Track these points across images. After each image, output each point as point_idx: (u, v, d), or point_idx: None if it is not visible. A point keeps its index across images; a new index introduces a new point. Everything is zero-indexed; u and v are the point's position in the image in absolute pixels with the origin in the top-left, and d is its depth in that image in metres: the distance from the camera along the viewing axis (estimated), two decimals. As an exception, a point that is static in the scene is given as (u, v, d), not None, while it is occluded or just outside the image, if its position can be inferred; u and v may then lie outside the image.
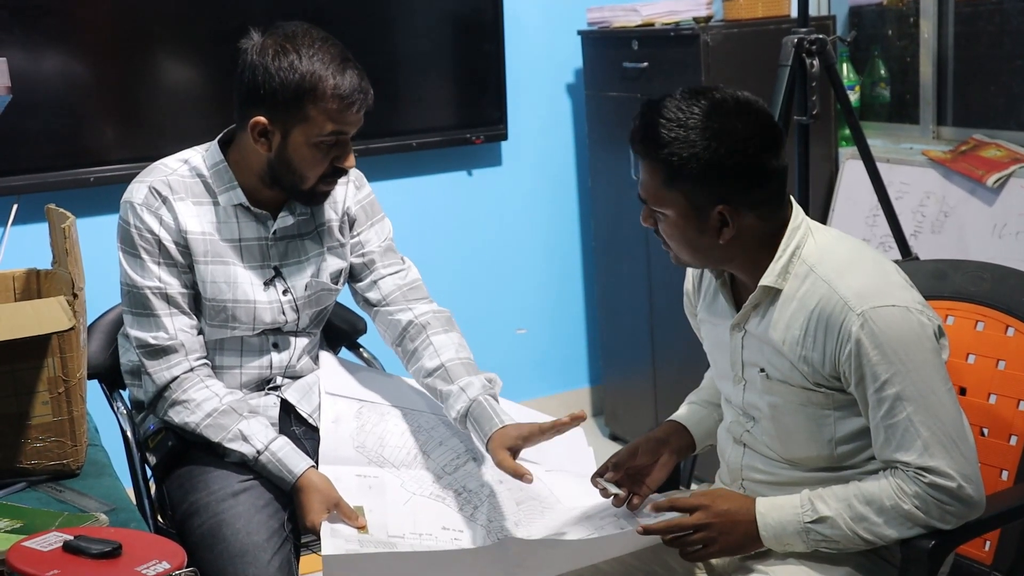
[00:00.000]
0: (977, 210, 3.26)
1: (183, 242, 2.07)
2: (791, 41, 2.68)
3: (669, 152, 1.72)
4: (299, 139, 2.00)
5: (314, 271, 2.19)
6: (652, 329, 3.75)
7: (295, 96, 1.97)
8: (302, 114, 1.98)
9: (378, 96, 3.68)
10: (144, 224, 2.06)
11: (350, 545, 1.87)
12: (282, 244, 2.16)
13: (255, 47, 2.01)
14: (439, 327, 2.23)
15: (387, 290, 2.26)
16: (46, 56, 3.18)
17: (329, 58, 1.99)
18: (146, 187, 2.08)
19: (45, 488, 1.73)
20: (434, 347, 2.19)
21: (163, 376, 2.08)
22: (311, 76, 1.96)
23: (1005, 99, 3.50)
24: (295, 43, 1.98)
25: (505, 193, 4.00)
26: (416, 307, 2.25)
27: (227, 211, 2.11)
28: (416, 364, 2.20)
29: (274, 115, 2.00)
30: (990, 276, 2.08)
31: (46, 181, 3.19)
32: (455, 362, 2.17)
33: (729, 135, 1.71)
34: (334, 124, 1.99)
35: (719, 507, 1.80)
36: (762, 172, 1.75)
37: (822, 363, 1.75)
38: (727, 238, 1.76)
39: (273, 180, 2.07)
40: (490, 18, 3.76)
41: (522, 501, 2.05)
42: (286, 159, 2.03)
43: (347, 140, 2.05)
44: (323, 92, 1.97)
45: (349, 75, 1.99)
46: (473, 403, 2.09)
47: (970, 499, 1.70)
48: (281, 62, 1.97)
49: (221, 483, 2.03)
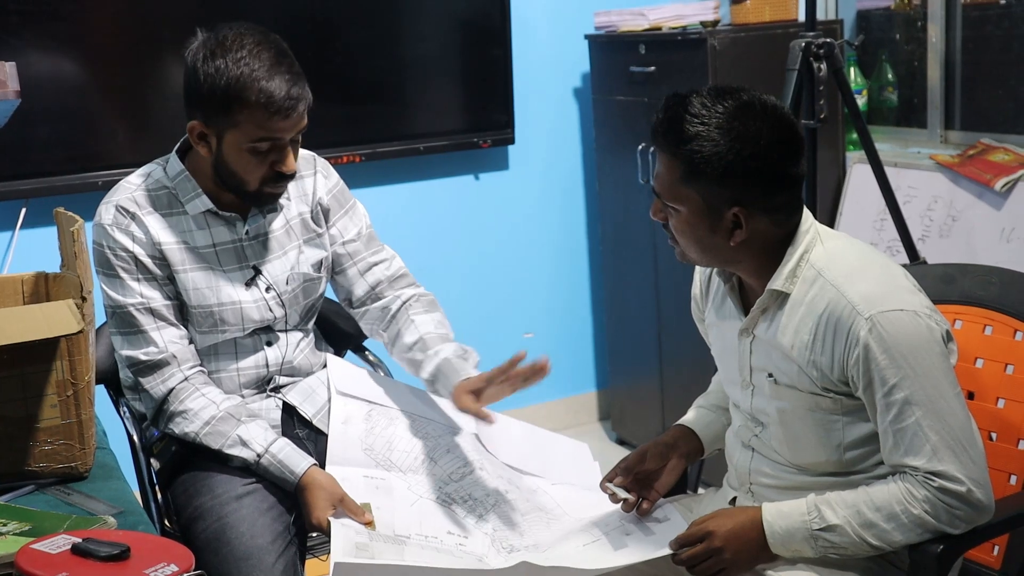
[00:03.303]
0: (985, 214, 3.25)
1: (159, 255, 2.07)
2: (798, 45, 2.68)
3: (691, 148, 1.71)
4: (233, 143, 1.99)
5: (293, 264, 2.18)
6: (660, 333, 3.74)
7: (223, 102, 1.95)
8: (231, 119, 1.96)
9: (385, 100, 3.74)
10: (117, 243, 2.06)
11: (360, 538, 1.86)
12: (257, 243, 2.16)
13: (192, 49, 2.00)
14: (421, 308, 2.25)
15: (373, 280, 2.27)
16: (55, 60, 3.19)
17: (258, 63, 1.94)
18: (113, 207, 2.07)
19: (53, 491, 1.73)
20: (415, 324, 2.21)
21: (159, 390, 2.08)
22: (236, 82, 1.93)
23: (1013, 103, 3.49)
24: (224, 47, 1.96)
25: (512, 197, 4.00)
26: (403, 292, 2.27)
27: (196, 219, 2.11)
28: (398, 342, 2.22)
29: (208, 119, 1.99)
30: (998, 280, 2.07)
31: (54, 185, 3.20)
32: (432, 335, 2.19)
33: (753, 138, 1.70)
34: (263, 131, 1.97)
35: (724, 528, 1.79)
36: (782, 178, 1.74)
37: (830, 368, 1.75)
38: (738, 240, 1.75)
39: (221, 183, 2.07)
40: (497, 22, 3.76)
41: (528, 512, 2.05)
42: (224, 162, 2.02)
43: (284, 144, 2.01)
44: (248, 99, 1.94)
45: (277, 81, 1.94)
46: (443, 361, 2.11)
47: (979, 503, 1.69)
48: (209, 67, 1.95)
49: (225, 487, 2.03)
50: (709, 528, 1.80)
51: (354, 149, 3.60)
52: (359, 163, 3.60)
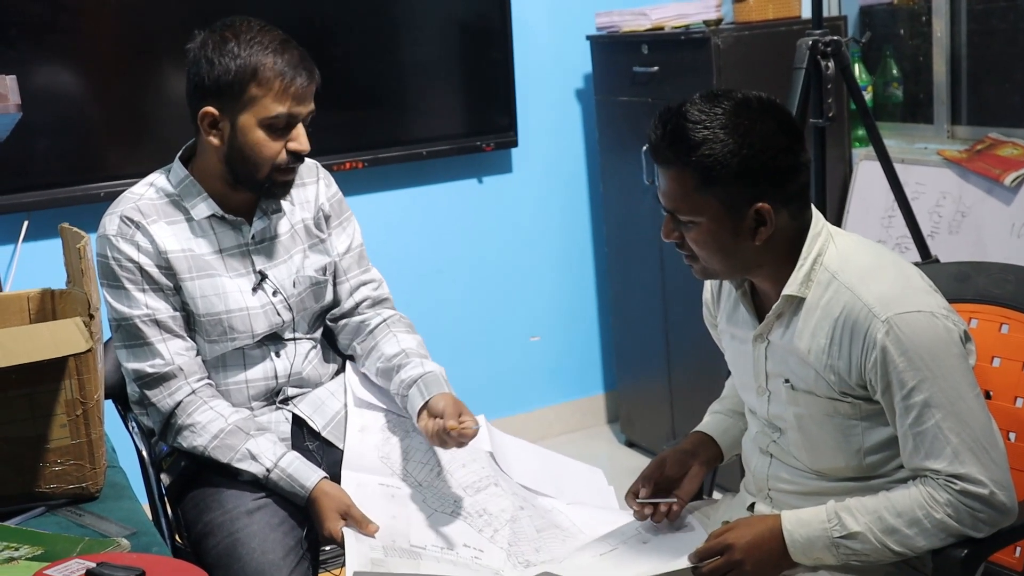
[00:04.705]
0: (995, 210, 3.23)
1: (165, 264, 2.06)
2: (806, 43, 2.66)
3: (702, 154, 1.69)
4: (249, 123, 2.01)
5: (299, 267, 2.18)
6: (667, 333, 3.72)
7: (238, 80, 1.98)
8: (247, 97, 1.99)
9: (386, 105, 3.72)
10: (122, 253, 2.04)
11: (375, 554, 1.85)
12: (263, 247, 2.15)
13: (197, 45, 2.03)
14: (403, 328, 2.26)
15: (360, 298, 2.27)
16: (55, 73, 3.17)
17: (268, 40, 2.00)
18: (117, 217, 2.06)
19: (64, 512, 1.70)
20: (397, 339, 2.22)
21: (166, 404, 2.07)
22: (251, 58, 1.98)
23: (1020, 97, 3.47)
24: (234, 31, 2.01)
25: (516, 200, 3.98)
26: (384, 312, 2.28)
27: (202, 225, 2.10)
28: (374, 353, 2.22)
29: (222, 104, 2.01)
30: (1014, 278, 2.05)
31: (56, 197, 3.18)
32: (415, 351, 2.20)
33: (760, 132, 1.70)
34: (279, 103, 2.00)
35: (744, 540, 1.77)
36: (794, 166, 1.73)
37: (848, 372, 1.73)
38: (763, 237, 1.73)
39: (232, 176, 2.06)
40: (498, 24, 3.74)
41: (543, 528, 2.04)
42: (238, 147, 2.02)
43: (298, 123, 2.04)
44: (264, 73, 1.98)
45: (289, 55, 2.00)
46: (428, 374, 2.11)
47: (1003, 506, 1.68)
48: (222, 51, 1.99)
49: (235, 502, 2.02)
50: (729, 540, 1.78)
51: (356, 156, 3.58)
52: (361, 169, 3.59)
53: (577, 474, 2.31)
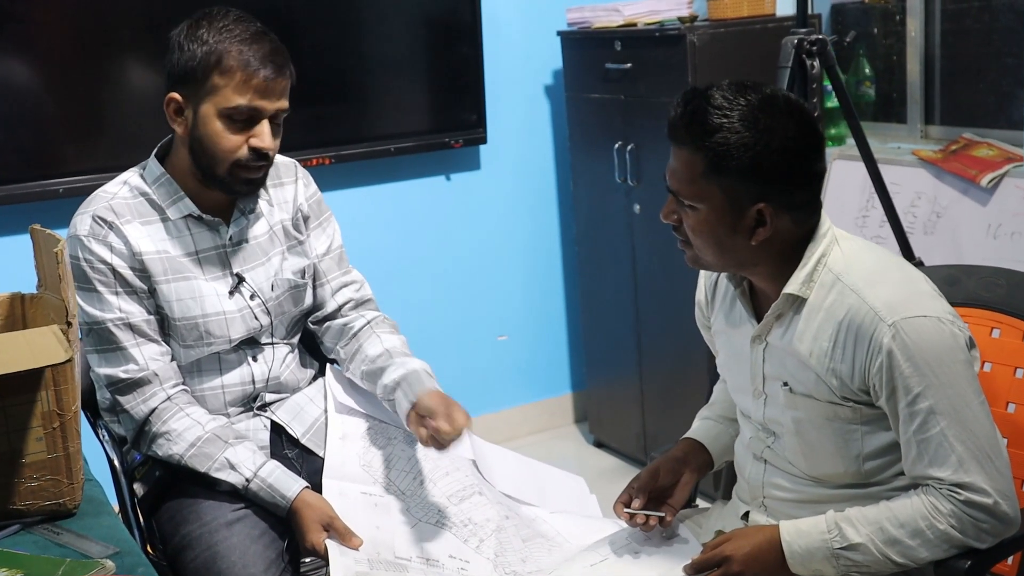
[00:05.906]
0: (971, 210, 3.23)
1: (139, 266, 1.99)
2: (791, 42, 2.63)
3: (716, 140, 1.65)
4: (208, 112, 1.95)
5: (277, 270, 2.12)
6: (638, 333, 3.69)
7: (202, 67, 1.93)
8: (210, 84, 1.94)
9: (353, 100, 3.66)
10: (94, 255, 1.97)
11: (359, 567, 1.81)
12: (240, 249, 2.09)
13: (176, 31, 1.99)
14: (387, 328, 2.22)
15: (343, 300, 2.22)
16: (8, 64, 3.07)
17: (240, 29, 1.95)
18: (89, 217, 1.99)
19: (41, 530, 1.61)
20: (381, 340, 2.17)
21: (140, 410, 2.00)
22: (218, 46, 1.93)
23: (994, 97, 3.48)
24: (208, 19, 1.96)
25: (485, 198, 3.94)
26: (367, 314, 2.23)
27: (178, 226, 2.03)
28: (358, 356, 2.17)
29: (186, 90, 1.96)
30: (1005, 281, 2.04)
31: (12, 193, 3.09)
32: (399, 351, 2.15)
33: (780, 132, 1.65)
34: (239, 94, 1.94)
35: (742, 552, 1.75)
36: (807, 174, 1.70)
37: (851, 376, 1.70)
38: (760, 239, 1.70)
39: (197, 168, 2.00)
40: (467, 19, 3.69)
41: (529, 538, 2.00)
42: (198, 137, 1.97)
43: (263, 118, 1.97)
44: (228, 61, 1.93)
45: (259, 46, 1.94)
46: (410, 372, 2.06)
47: (1006, 516, 1.66)
48: (192, 37, 1.95)
49: (213, 513, 1.96)
50: (727, 552, 1.75)
51: (322, 152, 3.52)
52: (328, 165, 3.52)
53: (559, 482, 2.29)
